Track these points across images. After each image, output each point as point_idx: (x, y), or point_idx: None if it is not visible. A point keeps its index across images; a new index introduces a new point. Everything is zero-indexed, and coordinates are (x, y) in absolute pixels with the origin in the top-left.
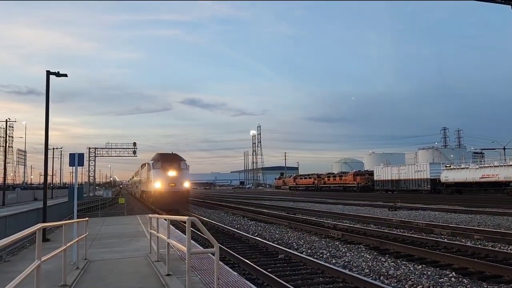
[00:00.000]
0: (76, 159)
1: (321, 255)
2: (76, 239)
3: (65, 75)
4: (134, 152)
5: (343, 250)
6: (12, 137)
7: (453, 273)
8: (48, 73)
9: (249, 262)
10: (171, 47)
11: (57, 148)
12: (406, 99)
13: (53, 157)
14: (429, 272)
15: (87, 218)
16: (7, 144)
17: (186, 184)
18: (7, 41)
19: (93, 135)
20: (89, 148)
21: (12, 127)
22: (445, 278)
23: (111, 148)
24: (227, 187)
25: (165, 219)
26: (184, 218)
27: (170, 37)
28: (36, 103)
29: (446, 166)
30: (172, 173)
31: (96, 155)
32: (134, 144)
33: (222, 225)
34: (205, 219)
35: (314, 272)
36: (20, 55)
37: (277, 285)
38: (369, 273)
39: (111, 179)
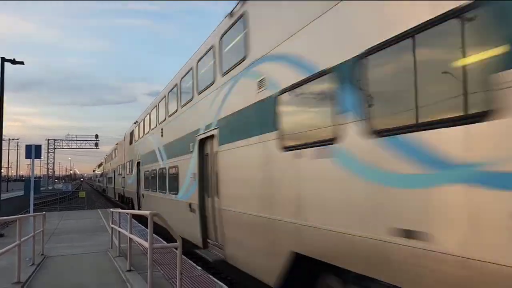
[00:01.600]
0: (33, 151)
1: None
2: (32, 234)
3: (21, 63)
4: (96, 145)
5: None
6: None
7: None
8: (3, 60)
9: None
10: (137, 37)
11: (13, 139)
12: None
13: (8, 149)
14: None
15: (44, 212)
16: None
17: None
18: None
19: (53, 126)
20: (48, 140)
21: None
22: None
23: (72, 140)
24: None
25: (127, 213)
26: (147, 212)
27: (137, 27)
28: None
29: None
30: None
31: (55, 147)
32: (96, 136)
33: None
34: None
35: None
36: None
37: (242, 278)
38: None
39: (71, 172)
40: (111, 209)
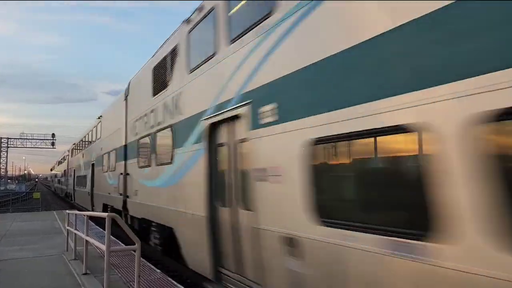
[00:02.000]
0: None
1: None
2: None
3: None
4: (53, 144)
5: None
6: None
7: None
8: None
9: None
10: (98, 34)
11: None
12: None
13: None
14: None
15: None
16: None
17: None
18: None
19: (6, 124)
20: (1, 138)
21: None
22: None
23: (27, 138)
24: None
25: (84, 215)
26: (104, 214)
27: (98, 24)
28: None
29: None
30: None
31: (8, 145)
32: (53, 135)
33: None
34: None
35: None
36: None
37: (201, 281)
38: None
39: (25, 172)
40: (67, 211)
